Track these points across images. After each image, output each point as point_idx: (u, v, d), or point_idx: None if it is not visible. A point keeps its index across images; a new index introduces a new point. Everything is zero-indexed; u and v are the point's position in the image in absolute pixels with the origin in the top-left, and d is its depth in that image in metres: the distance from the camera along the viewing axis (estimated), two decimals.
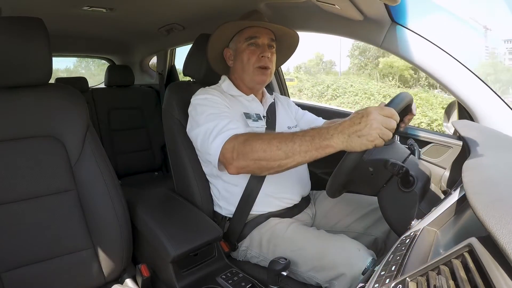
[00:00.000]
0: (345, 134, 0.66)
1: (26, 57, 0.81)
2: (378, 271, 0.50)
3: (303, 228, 0.95)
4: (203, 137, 0.89)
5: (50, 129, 0.87)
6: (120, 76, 2.22)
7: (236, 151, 0.79)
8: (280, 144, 0.73)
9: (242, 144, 0.78)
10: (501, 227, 0.31)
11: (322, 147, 0.69)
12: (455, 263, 0.36)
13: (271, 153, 0.74)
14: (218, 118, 0.89)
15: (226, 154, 0.81)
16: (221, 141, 0.83)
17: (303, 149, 0.71)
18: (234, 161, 0.79)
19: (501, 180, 0.41)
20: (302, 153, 0.71)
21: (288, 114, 1.19)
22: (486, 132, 0.77)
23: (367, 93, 9.25)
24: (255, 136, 0.79)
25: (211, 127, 0.87)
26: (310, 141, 0.70)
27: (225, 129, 0.85)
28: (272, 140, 0.74)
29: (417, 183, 0.77)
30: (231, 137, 0.82)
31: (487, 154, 0.55)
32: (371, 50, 17.11)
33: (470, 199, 0.39)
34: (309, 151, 0.70)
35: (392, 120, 0.65)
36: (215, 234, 0.91)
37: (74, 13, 1.38)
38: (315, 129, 0.71)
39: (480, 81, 0.96)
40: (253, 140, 0.77)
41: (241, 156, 0.78)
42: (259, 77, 1.02)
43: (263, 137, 0.76)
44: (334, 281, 0.81)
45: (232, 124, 0.87)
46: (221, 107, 0.95)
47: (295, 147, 0.71)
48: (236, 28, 1.02)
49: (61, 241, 0.85)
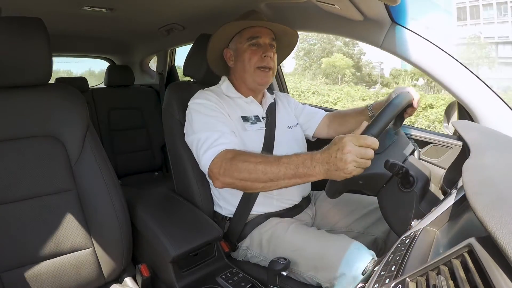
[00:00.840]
0: (325, 166, 0.68)
1: (26, 57, 0.81)
2: (378, 271, 0.50)
3: (304, 228, 0.95)
4: (196, 146, 0.91)
5: (50, 129, 0.87)
6: (120, 76, 2.22)
7: (223, 168, 0.81)
8: (265, 169, 0.75)
9: (229, 163, 0.80)
10: (501, 227, 0.30)
11: (305, 176, 0.71)
12: (455, 263, 0.36)
13: (256, 176, 0.76)
14: (210, 129, 0.90)
15: (213, 169, 0.84)
16: (211, 155, 0.85)
17: (287, 176, 0.73)
18: (221, 176, 0.82)
19: (501, 180, 0.41)
20: (286, 180, 0.74)
21: (288, 112, 1.18)
22: (486, 132, 0.77)
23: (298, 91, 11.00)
24: (243, 156, 0.80)
25: (203, 139, 0.89)
26: (294, 169, 0.72)
27: (215, 143, 0.87)
28: (258, 164, 0.76)
29: (417, 183, 0.77)
30: (220, 153, 0.84)
31: (487, 154, 0.55)
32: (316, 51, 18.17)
33: (470, 199, 0.39)
34: (293, 178, 0.73)
35: (368, 150, 0.66)
36: (215, 234, 0.91)
37: (74, 13, 1.38)
38: (300, 157, 0.72)
39: (480, 81, 0.96)
40: (240, 160, 0.79)
41: (228, 174, 0.80)
42: (261, 78, 1.02)
43: (250, 159, 0.78)
44: (334, 281, 0.81)
45: (223, 138, 0.88)
46: (216, 115, 0.95)
47: (280, 174, 0.74)
48: (237, 28, 1.02)
49: (61, 241, 0.85)
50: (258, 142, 1.00)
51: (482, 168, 0.48)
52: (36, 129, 0.85)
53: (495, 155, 0.54)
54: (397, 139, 0.87)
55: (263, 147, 1.00)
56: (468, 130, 0.74)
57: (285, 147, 1.04)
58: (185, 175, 1.07)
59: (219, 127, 0.91)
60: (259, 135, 1.02)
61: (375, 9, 0.96)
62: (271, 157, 0.78)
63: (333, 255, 0.83)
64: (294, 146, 1.11)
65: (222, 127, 0.92)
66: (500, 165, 0.49)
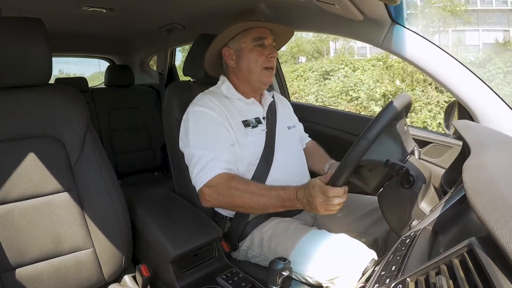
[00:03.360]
0: (304, 205, 0.82)
1: (26, 57, 0.81)
2: (378, 271, 0.50)
3: (304, 227, 0.95)
4: (189, 161, 0.95)
5: (50, 129, 0.87)
6: (120, 76, 2.22)
7: (216, 193, 0.89)
8: (258, 199, 0.86)
9: (226, 190, 0.88)
10: (501, 227, 0.31)
11: (290, 207, 0.86)
12: (455, 263, 0.36)
13: (250, 204, 0.87)
14: (205, 148, 0.92)
15: (205, 194, 0.90)
16: (203, 179, 0.90)
17: (276, 206, 0.87)
18: (214, 200, 0.90)
19: (501, 180, 0.41)
20: (272, 208, 0.88)
21: (287, 112, 1.19)
22: (486, 132, 0.77)
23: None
24: (238, 185, 0.88)
25: (197, 157, 0.92)
26: (281, 202, 0.85)
27: (209, 166, 0.90)
28: (252, 195, 0.86)
29: (417, 183, 0.77)
30: (213, 179, 0.89)
31: (487, 154, 0.55)
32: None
33: (470, 199, 0.39)
34: (280, 207, 0.87)
35: (335, 199, 0.76)
36: (215, 234, 0.91)
37: (74, 13, 1.38)
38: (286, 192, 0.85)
39: (480, 81, 0.96)
40: (235, 189, 0.87)
41: (217, 201, 0.90)
42: (267, 78, 1.03)
43: (247, 190, 0.87)
44: (335, 280, 0.81)
45: (217, 160, 0.90)
46: (214, 128, 0.95)
47: (270, 203, 0.86)
48: (241, 28, 1.02)
49: (61, 241, 0.85)
50: (259, 145, 1.01)
51: (482, 168, 0.48)
52: (36, 129, 0.85)
53: (495, 155, 0.54)
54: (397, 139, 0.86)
55: (264, 149, 1.01)
56: (468, 130, 0.74)
57: (285, 148, 1.05)
58: (185, 175, 1.07)
59: (215, 146, 0.93)
60: (260, 138, 1.02)
61: (375, 9, 0.96)
62: (264, 188, 0.89)
63: (334, 254, 0.83)
64: (294, 148, 1.12)
65: (218, 144, 0.93)
66: (500, 165, 0.49)
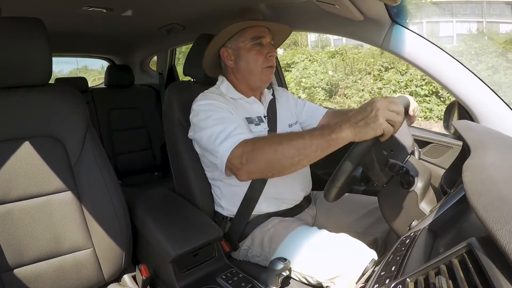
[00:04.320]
0: (353, 122, 0.68)
1: (26, 57, 0.81)
2: (378, 271, 0.50)
3: (304, 227, 0.95)
4: (208, 139, 0.87)
5: (50, 129, 0.87)
6: (120, 76, 2.22)
7: (245, 156, 0.78)
8: (290, 142, 0.73)
9: (252, 148, 0.78)
10: (501, 227, 0.30)
11: (332, 139, 0.70)
12: (455, 263, 0.36)
13: (283, 151, 0.73)
14: (225, 122, 0.88)
15: (233, 160, 0.80)
16: (230, 145, 0.81)
17: (314, 143, 0.71)
18: (244, 166, 0.78)
19: (501, 180, 0.41)
20: (313, 148, 0.71)
21: (288, 109, 1.17)
22: (486, 132, 0.77)
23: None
24: (266, 138, 0.80)
25: (217, 131, 0.86)
26: (320, 135, 0.71)
27: (233, 133, 0.84)
28: (282, 139, 0.75)
29: (417, 183, 0.77)
30: (240, 143, 0.81)
31: (487, 154, 0.55)
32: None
33: (470, 199, 0.39)
34: (320, 144, 0.71)
35: (398, 116, 0.67)
36: (215, 234, 0.91)
37: (74, 13, 1.38)
38: (323, 125, 0.74)
39: (480, 81, 0.96)
40: (263, 142, 0.78)
41: (251, 160, 0.78)
42: (267, 76, 1.03)
43: (272, 138, 0.77)
44: (335, 280, 0.81)
45: (240, 129, 0.86)
46: (226, 112, 0.94)
47: (306, 143, 0.71)
48: (237, 28, 1.02)
49: (61, 241, 0.85)
50: None
51: (482, 168, 0.48)
52: (36, 129, 0.85)
53: (495, 155, 0.54)
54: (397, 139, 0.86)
55: None
56: (468, 130, 0.74)
57: None
58: (185, 175, 1.07)
59: (232, 120, 0.90)
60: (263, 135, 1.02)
61: (375, 9, 0.96)
62: (293, 132, 0.77)
63: (334, 254, 0.83)
64: None
65: (235, 120, 0.91)
66: (500, 165, 0.49)
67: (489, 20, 7.30)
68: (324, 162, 0.78)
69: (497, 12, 7.29)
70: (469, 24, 7.37)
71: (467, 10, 7.63)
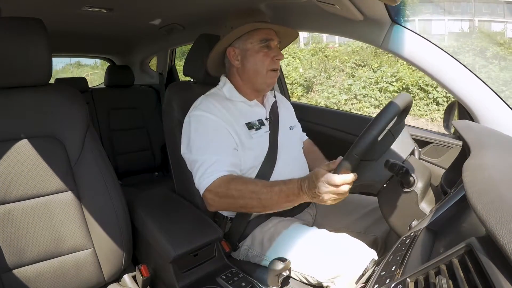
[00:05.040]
0: (309, 197, 0.79)
1: (26, 57, 0.81)
2: (379, 271, 0.50)
3: (305, 227, 0.95)
4: (191, 167, 0.97)
5: (50, 129, 0.87)
6: (120, 76, 2.22)
7: (218, 196, 0.89)
8: (260, 198, 0.84)
9: (226, 192, 0.87)
10: (501, 227, 0.30)
11: (293, 201, 0.83)
12: (455, 263, 0.36)
13: (252, 204, 0.86)
14: (207, 152, 0.92)
15: (208, 197, 0.91)
16: (205, 184, 0.90)
17: (280, 202, 0.83)
18: (216, 203, 0.91)
19: (501, 180, 0.41)
20: (276, 205, 0.85)
21: (288, 113, 1.19)
22: (486, 132, 0.77)
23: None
24: (238, 186, 0.87)
25: (199, 162, 0.93)
26: (285, 197, 0.82)
27: (210, 170, 0.90)
28: (252, 193, 0.84)
29: (417, 183, 0.77)
30: (214, 182, 0.89)
31: (487, 154, 0.55)
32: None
33: (470, 199, 0.39)
34: (285, 203, 0.84)
35: (341, 188, 0.73)
36: (215, 234, 0.91)
37: (74, 13, 1.38)
38: (289, 186, 0.81)
39: (480, 81, 0.96)
40: (235, 191, 0.86)
41: (223, 202, 0.90)
42: (272, 79, 1.03)
43: (244, 189, 0.86)
44: (335, 280, 0.81)
45: (219, 164, 0.91)
46: (216, 134, 0.95)
47: (273, 201, 0.83)
48: (247, 29, 1.01)
49: (61, 241, 0.85)
50: (263, 146, 1.01)
51: (482, 168, 0.48)
52: (36, 129, 0.85)
53: (495, 155, 0.54)
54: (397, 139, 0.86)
55: (268, 149, 1.01)
56: (468, 130, 0.74)
57: (288, 149, 1.05)
58: (185, 175, 1.07)
59: (217, 149, 0.92)
60: (264, 139, 1.02)
61: (375, 9, 0.96)
62: (265, 184, 0.86)
63: (334, 254, 0.83)
64: (296, 148, 1.12)
65: (221, 148, 0.93)
66: (500, 165, 0.49)
67: (481, 18, 7.32)
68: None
69: (489, 11, 7.31)
70: (461, 23, 7.40)
71: (459, 9, 7.65)
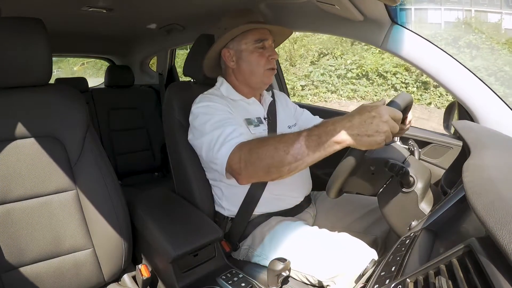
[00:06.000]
0: (354, 132, 0.64)
1: (26, 58, 0.81)
2: (378, 271, 0.50)
3: (305, 227, 0.95)
4: (208, 146, 0.87)
5: (50, 129, 0.87)
6: (120, 76, 2.22)
7: (243, 160, 0.77)
8: (287, 148, 0.70)
9: (249, 153, 0.76)
10: (501, 227, 0.30)
11: (330, 145, 0.66)
12: (455, 264, 0.36)
13: (279, 158, 0.71)
14: (223, 125, 0.87)
15: (233, 165, 0.79)
16: (227, 151, 0.81)
17: (311, 149, 0.68)
18: (243, 171, 0.78)
19: (501, 180, 0.41)
20: (310, 154, 0.68)
21: (287, 112, 1.19)
22: (486, 132, 0.77)
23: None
24: (261, 142, 0.76)
25: (215, 136, 0.86)
26: (317, 140, 0.67)
27: (230, 137, 0.83)
28: (278, 144, 0.72)
29: (417, 184, 0.77)
30: (236, 146, 0.80)
31: (487, 154, 0.55)
32: None
33: (470, 199, 0.39)
34: (317, 150, 0.68)
35: (397, 125, 0.64)
36: (215, 234, 0.91)
37: (74, 13, 1.38)
38: (320, 127, 0.68)
39: (480, 81, 0.96)
40: (259, 147, 0.75)
41: (250, 165, 0.76)
42: (268, 78, 1.04)
43: (269, 142, 0.74)
44: (335, 280, 0.81)
45: (237, 131, 0.86)
46: (224, 114, 0.94)
47: (303, 149, 0.69)
48: (241, 30, 1.01)
49: (61, 241, 0.85)
50: None
51: (482, 168, 0.48)
52: (36, 129, 0.85)
53: (495, 155, 0.54)
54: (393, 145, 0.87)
55: None
56: (468, 130, 0.74)
57: None
58: (185, 175, 1.07)
59: (231, 122, 0.90)
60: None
61: (375, 9, 0.96)
62: (291, 134, 0.73)
63: (334, 254, 0.83)
64: None
65: (235, 121, 0.92)
66: (500, 165, 0.49)
67: (477, 9, 7.31)
68: (324, 162, 0.78)
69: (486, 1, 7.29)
70: (457, 12, 7.39)
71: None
